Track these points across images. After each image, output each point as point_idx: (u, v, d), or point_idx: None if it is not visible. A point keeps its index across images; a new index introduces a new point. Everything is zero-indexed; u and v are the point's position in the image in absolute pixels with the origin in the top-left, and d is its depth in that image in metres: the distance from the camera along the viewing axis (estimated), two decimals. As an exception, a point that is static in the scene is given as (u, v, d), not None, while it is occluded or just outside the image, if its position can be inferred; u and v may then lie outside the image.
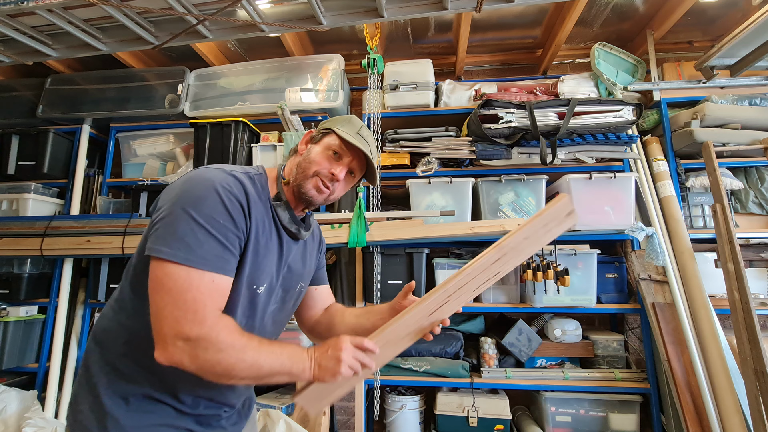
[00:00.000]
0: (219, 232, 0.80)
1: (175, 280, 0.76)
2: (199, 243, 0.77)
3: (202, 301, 0.76)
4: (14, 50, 2.21)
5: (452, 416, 2.13)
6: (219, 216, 0.80)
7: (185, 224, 0.78)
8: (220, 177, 0.85)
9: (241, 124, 2.49)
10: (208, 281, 0.78)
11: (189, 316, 0.75)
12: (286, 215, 0.97)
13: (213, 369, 0.77)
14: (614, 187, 2.20)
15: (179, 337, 0.75)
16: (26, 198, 2.58)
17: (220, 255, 0.80)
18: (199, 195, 0.81)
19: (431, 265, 2.35)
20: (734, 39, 2.06)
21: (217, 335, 0.76)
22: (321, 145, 1.00)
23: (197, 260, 0.77)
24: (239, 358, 0.77)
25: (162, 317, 0.76)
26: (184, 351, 0.75)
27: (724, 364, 1.86)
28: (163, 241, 0.77)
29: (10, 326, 2.36)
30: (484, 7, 1.83)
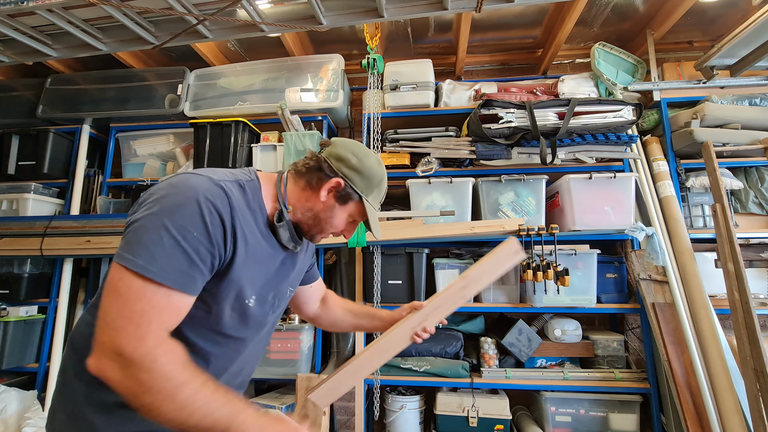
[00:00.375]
0: (190, 246, 0.73)
1: (128, 288, 0.70)
2: (164, 254, 0.71)
3: (149, 316, 0.69)
4: (14, 50, 2.21)
5: (452, 416, 2.13)
6: (194, 228, 0.73)
7: (154, 232, 0.72)
8: (204, 186, 0.78)
9: (241, 124, 2.50)
10: (163, 296, 0.71)
11: (130, 329, 0.68)
12: (286, 234, 0.93)
13: (137, 397, 0.69)
14: (614, 187, 2.20)
15: (114, 349, 0.68)
16: (26, 198, 2.58)
17: (185, 270, 0.73)
18: (177, 203, 0.74)
19: (431, 265, 2.35)
20: (734, 39, 2.06)
21: (153, 360, 0.68)
22: (346, 210, 0.97)
23: (157, 272, 0.70)
24: (169, 394, 0.68)
25: (104, 323, 0.70)
26: (114, 366, 0.68)
27: (724, 364, 1.86)
28: (128, 248, 0.72)
29: (10, 326, 2.36)
30: (484, 7, 1.84)
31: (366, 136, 2.49)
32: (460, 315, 2.42)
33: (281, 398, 2.25)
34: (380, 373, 2.24)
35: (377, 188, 0.98)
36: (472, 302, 2.31)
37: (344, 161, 0.94)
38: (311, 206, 0.95)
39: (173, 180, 0.80)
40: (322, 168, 0.94)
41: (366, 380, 2.26)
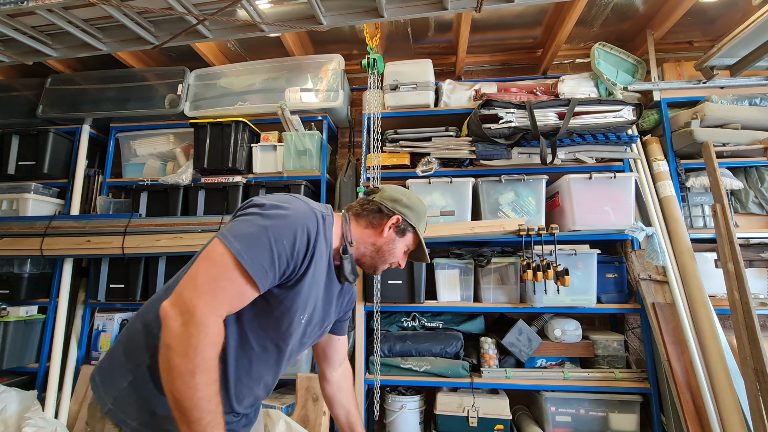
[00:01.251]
0: (277, 250, 0.85)
1: (222, 262, 0.81)
2: (257, 249, 0.83)
3: (226, 293, 0.81)
4: (14, 50, 2.21)
5: (452, 416, 2.13)
6: (285, 237, 0.87)
7: (257, 230, 0.85)
8: (304, 209, 0.94)
9: (241, 124, 2.50)
10: (242, 282, 0.83)
11: (209, 297, 0.79)
12: (348, 267, 1.06)
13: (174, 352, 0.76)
14: (614, 187, 2.20)
15: (189, 304, 0.77)
16: (26, 198, 2.58)
17: (265, 267, 0.84)
18: (281, 216, 0.89)
19: (431, 265, 2.35)
20: (734, 39, 2.06)
21: (207, 334, 0.77)
22: (404, 242, 1.15)
23: (247, 259, 0.82)
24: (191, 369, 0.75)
25: (192, 281, 0.80)
26: (179, 317, 0.77)
27: (724, 364, 1.86)
28: (233, 233, 0.85)
29: (10, 326, 2.36)
30: (484, 7, 1.83)
31: (366, 136, 2.49)
32: (461, 315, 2.43)
33: (281, 398, 2.25)
34: (380, 373, 2.24)
35: (424, 219, 1.18)
36: (472, 302, 2.31)
37: (398, 201, 1.13)
38: (374, 241, 1.11)
39: (282, 198, 0.96)
40: (381, 209, 1.12)
41: (366, 380, 2.26)
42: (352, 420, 1.32)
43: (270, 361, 0.99)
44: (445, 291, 2.32)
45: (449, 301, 2.31)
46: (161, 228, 2.38)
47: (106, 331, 2.49)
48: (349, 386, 1.35)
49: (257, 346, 0.95)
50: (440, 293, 2.32)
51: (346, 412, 1.33)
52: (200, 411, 0.76)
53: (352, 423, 1.32)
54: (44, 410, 2.28)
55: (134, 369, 0.91)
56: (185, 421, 0.76)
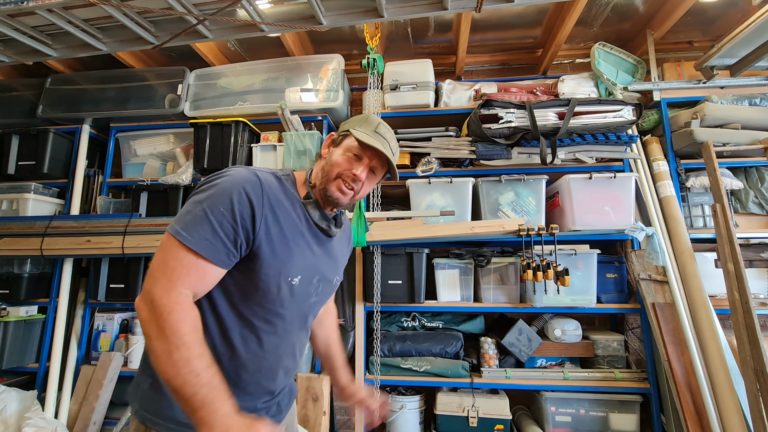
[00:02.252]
0: (215, 219, 0.85)
1: (168, 248, 0.85)
2: (194, 224, 0.85)
3: (177, 273, 0.83)
4: (14, 50, 2.21)
5: (452, 416, 2.13)
6: (221, 204, 0.86)
7: (193, 208, 0.87)
8: (240, 173, 0.92)
9: (241, 124, 2.49)
10: (191, 260, 0.84)
11: (163, 281, 0.82)
12: (316, 213, 1.03)
13: (150, 340, 0.80)
14: (614, 187, 2.20)
15: (148, 292, 0.81)
16: (26, 198, 2.58)
17: (208, 239, 0.85)
18: (215, 186, 0.89)
19: (431, 265, 2.35)
20: (734, 39, 2.06)
21: (170, 312, 0.79)
22: (341, 147, 1.05)
23: (186, 237, 0.84)
24: (168, 349, 0.78)
25: (149, 272, 0.84)
26: (145, 307, 0.81)
27: (724, 364, 1.86)
28: (175, 220, 0.88)
29: (10, 326, 2.36)
30: (484, 7, 1.83)
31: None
32: (461, 315, 2.43)
33: (281, 398, 2.25)
34: (380, 373, 2.24)
35: (365, 121, 1.06)
36: (472, 302, 2.31)
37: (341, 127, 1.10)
38: (320, 166, 1.06)
39: (222, 171, 0.94)
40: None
41: (366, 380, 2.26)
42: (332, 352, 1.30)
43: (278, 331, 0.98)
44: (445, 291, 2.32)
45: (449, 301, 2.31)
46: (161, 228, 2.38)
47: (106, 331, 2.49)
48: (330, 322, 1.32)
49: (258, 320, 0.95)
50: (440, 293, 2.32)
51: (325, 343, 1.30)
52: (191, 386, 0.76)
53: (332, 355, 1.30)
54: (44, 410, 2.28)
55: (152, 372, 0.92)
56: (182, 400, 0.77)
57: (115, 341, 2.47)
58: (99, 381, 2.28)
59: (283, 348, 1.01)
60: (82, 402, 2.28)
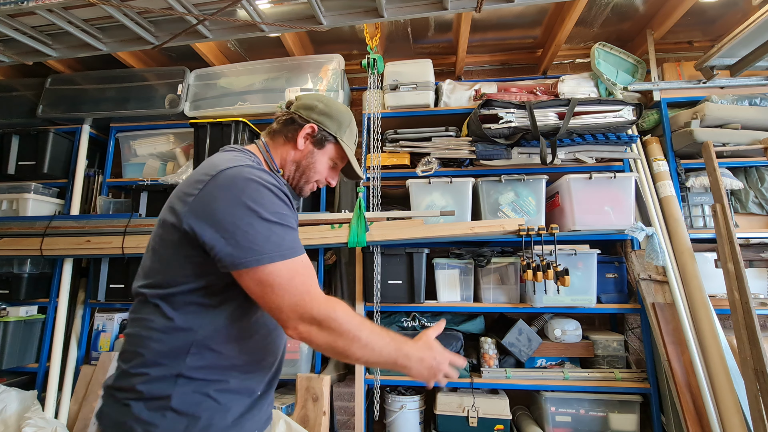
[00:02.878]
0: (288, 222, 0.86)
1: (279, 276, 0.81)
2: (282, 237, 0.83)
3: (307, 283, 0.83)
4: (14, 50, 2.21)
5: (452, 416, 2.13)
6: (280, 209, 0.86)
7: (260, 226, 0.82)
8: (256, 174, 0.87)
9: (241, 124, 2.49)
10: (304, 263, 0.85)
11: (307, 299, 0.82)
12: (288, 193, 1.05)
13: (336, 344, 0.83)
14: (614, 187, 2.20)
15: (304, 318, 0.81)
16: (26, 198, 2.58)
17: (296, 238, 0.87)
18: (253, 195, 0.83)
19: (431, 265, 2.35)
20: (734, 39, 2.06)
21: (334, 311, 0.82)
22: (326, 154, 1.05)
23: (288, 252, 0.83)
24: (355, 336, 0.82)
25: (282, 309, 0.82)
26: (313, 328, 0.82)
27: (724, 364, 1.86)
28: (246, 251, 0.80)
29: (10, 326, 2.36)
30: (484, 7, 1.84)
31: (366, 136, 2.49)
32: (461, 315, 2.42)
33: (281, 398, 2.25)
34: (380, 373, 2.24)
35: (349, 128, 1.06)
36: (472, 302, 2.31)
37: (312, 108, 1.04)
38: (293, 158, 1.03)
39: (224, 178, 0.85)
40: (294, 120, 1.04)
41: (366, 380, 2.26)
42: None
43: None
44: (445, 291, 2.32)
45: (449, 301, 2.31)
46: (161, 228, 2.38)
47: (106, 331, 2.49)
48: None
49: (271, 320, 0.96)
50: (440, 293, 2.32)
51: None
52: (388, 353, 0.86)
53: None
54: (44, 410, 2.28)
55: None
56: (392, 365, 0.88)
57: (115, 341, 2.47)
58: (99, 381, 2.28)
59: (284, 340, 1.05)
60: (82, 402, 2.28)
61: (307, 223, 2.28)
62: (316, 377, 2.21)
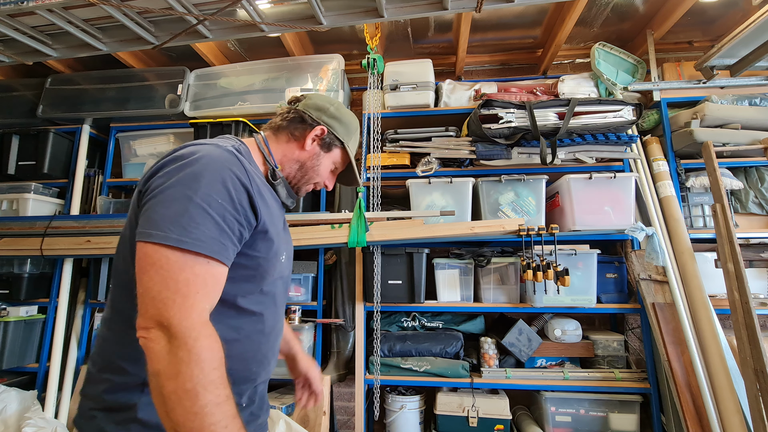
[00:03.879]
0: (217, 213, 0.71)
1: (167, 261, 0.67)
2: (194, 224, 0.68)
3: (194, 285, 0.67)
4: (14, 50, 2.21)
5: (452, 416, 2.13)
6: (218, 195, 0.72)
7: (179, 204, 0.69)
8: (217, 153, 0.77)
9: (242, 124, 2.49)
10: (203, 265, 0.69)
11: (178, 300, 0.66)
12: (284, 191, 0.97)
13: (167, 377, 0.63)
14: (614, 187, 2.20)
15: (161, 320, 0.65)
16: (26, 198, 2.58)
17: (216, 238, 0.71)
18: (195, 173, 0.72)
19: (431, 265, 2.35)
20: (734, 39, 2.06)
21: (196, 338, 0.65)
22: (330, 158, 1.03)
23: (192, 242, 0.68)
24: (193, 389, 0.62)
25: (149, 298, 0.66)
26: (161, 337, 0.65)
27: (724, 364, 1.86)
28: (154, 224, 0.68)
29: (10, 326, 2.36)
30: (484, 7, 1.83)
31: (366, 136, 2.49)
32: (461, 315, 2.43)
33: (281, 398, 2.25)
34: (380, 373, 2.24)
35: (354, 135, 1.05)
36: (472, 302, 2.31)
37: (324, 111, 1.00)
38: (297, 157, 0.99)
39: (182, 152, 0.77)
40: (304, 119, 0.99)
41: (366, 380, 2.26)
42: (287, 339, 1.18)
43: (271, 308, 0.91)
44: (445, 291, 2.32)
45: (449, 301, 2.31)
46: (161, 228, 2.38)
47: (106, 331, 2.49)
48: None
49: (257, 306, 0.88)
50: (440, 293, 2.32)
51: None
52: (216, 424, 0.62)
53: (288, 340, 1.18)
54: (44, 410, 2.28)
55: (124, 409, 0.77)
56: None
57: (115, 341, 2.47)
58: (99, 381, 2.28)
59: (276, 329, 0.95)
60: (82, 402, 2.28)
61: (307, 223, 2.28)
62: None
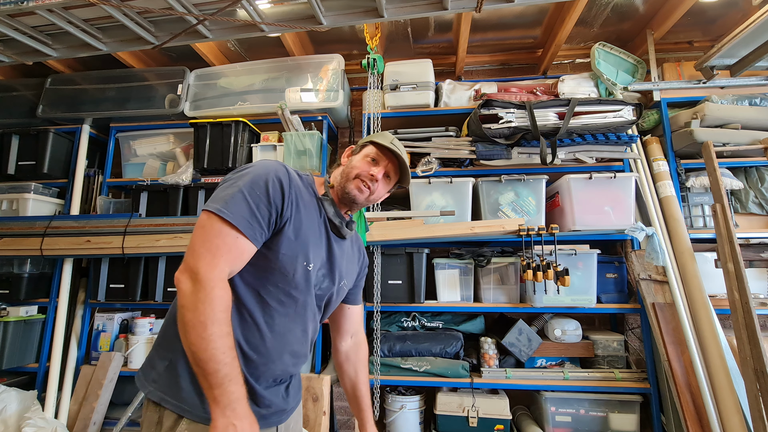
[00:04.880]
0: (252, 200, 0.93)
1: (211, 226, 0.90)
2: (234, 204, 0.91)
3: (221, 251, 0.89)
4: (14, 50, 2.21)
5: (452, 416, 2.13)
6: (257, 189, 0.95)
7: (230, 190, 0.94)
8: (271, 163, 1.02)
9: (241, 124, 2.49)
10: (233, 238, 0.90)
11: (208, 257, 0.87)
12: (331, 209, 1.11)
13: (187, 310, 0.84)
14: (614, 187, 2.20)
15: (193, 267, 0.87)
16: (26, 198, 2.58)
17: (247, 217, 0.91)
18: (250, 173, 0.97)
19: (431, 265, 2.35)
20: (734, 39, 2.06)
21: (213, 287, 0.85)
22: (360, 155, 1.17)
23: (228, 214, 0.90)
24: (203, 321, 0.82)
25: (192, 249, 0.90)
26: (188, 279, 0.87)
27: (724, 364, 1.86)
28: (212, 200, 0.94)
29: (10, 326, 2.36)
30: (484, 7, 1.84)
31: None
32: (461, 315, 2.43)
33: (281, 398, 2.25)
34: (380, 373, 2.24)
35: (381, 136, 1.17)
36: (472, 302, 2.31)
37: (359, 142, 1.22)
38: (340, 170, 1.18)
39: (252, 162, 1.04)
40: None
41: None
42: (358, 394, 1.33)
43: (290, 313, 1.03)
44: (445, 291, 2.32)
45: (449, 301, 2.31)
46: (161, 228, 2.38)
47: (106, 331, 2.49)
48: (358, 358, 1.35)
49: (273, 300, 0.99)
50: (440, 293, 2.32)
51: (351, 384, 1.34)
52: (216, 362, 0.81)
53: (358, 397, 1.33)
54: (44, 410, 2.28)
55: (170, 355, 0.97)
56: (203, 374, 0.82)
57: (115, 341, 2.47)
58: (99, 381, 2.28)
59: (293, 331, 1.04)
60: (82, 402, 2.28)
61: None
62: (316, 377, 2.21)
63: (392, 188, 1.23)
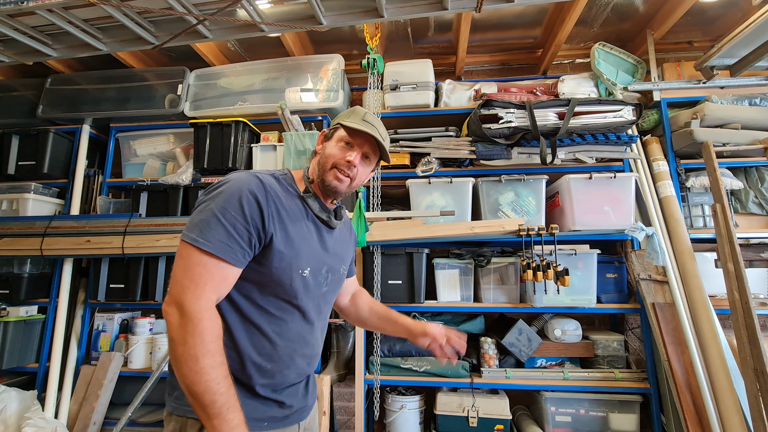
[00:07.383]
0: (228, 222, 0.90)
1: (189, 256, 0.88)
2: (209, 229, 0.89)
3: (204, 279, 0.87)
4: (14, 50, 2.21)
5: (452, 416, 2.13)
6: (231, 209, 0.91)
7: (204, 215, 0.91)
8: (243, 177, 0.97)
9: (241, 124, 2.49)
10: (213, 264, 0.89)
11: (192, 287, 0.86)
12: (316, 205, 1.08)
13: (177, 344, 0.83)
14: (614, 187, 2.20)
15: (178, 299, 0.85)
16: (26, 198, 2.58)
17: (224, 241, 0.89)
18: (222, 191, 0.94)
19: (431, 265, 2.35)
20: (734, 39, 2.06)
21: (200, 319, 0.84)
22: (333, 140, 1.10)
23: (204, 242, 0.88)
24: (195, 354, 0.82)
25: (174, 281, 0.88)
26: (175, 312, 0.85)
27: (724, 364, 1.86)
28: (187, 228, 0.92)
29: (10, 326, 2.36)
30: (484, 7, 1.84)
31: (366, 136, 2.49)
32: (461, 315, 2.42)
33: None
34: (380, 373, 2.24)
35: (352, 113, 1.11)
36: (472, 302, 2.31)
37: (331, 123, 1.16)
38: (316, 161, 1.12)
39: (224, 178, 0.99)
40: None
41: (366, 380, 2.26)
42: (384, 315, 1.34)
43: (296, 318, 1.03)
44: (445, 291, 2.32)
45: (449, 301, 2.31)
46: (161, 228, 2.38)
47: (106, 331, 2.49)
48: (365, 297, 1.39)
49: (276, 310, 0.99)
50: (440, 293, 2.32)
51: (374, 314, 1.36)
52: (212, 393, 0.81)
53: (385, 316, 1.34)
54: (44, 410, 2.28)
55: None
56: (200, 406, 0.81)
57: (115, 341, 2.48)
58: (99, 381, 2.28)
59: (302, 334, 1.05)
60: (82, 402, 2.28)
61: (307, 223, 2.27)
62: (317, 377, 2.21)
63: (375, 167, 1.18)
